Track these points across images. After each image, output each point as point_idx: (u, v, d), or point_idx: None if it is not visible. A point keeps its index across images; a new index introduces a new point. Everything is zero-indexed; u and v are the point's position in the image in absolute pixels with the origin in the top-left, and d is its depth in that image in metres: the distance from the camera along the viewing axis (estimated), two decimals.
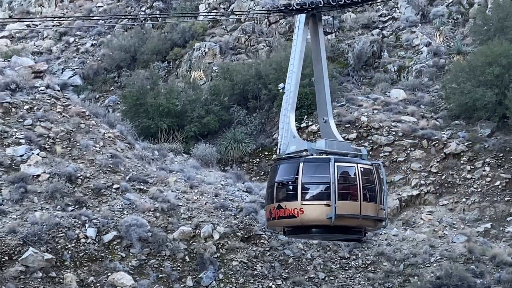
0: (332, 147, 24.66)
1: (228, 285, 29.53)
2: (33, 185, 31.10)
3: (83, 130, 34.45)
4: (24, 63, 38.82)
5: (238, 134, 40.37)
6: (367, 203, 23.94)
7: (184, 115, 40.98)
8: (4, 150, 32.58)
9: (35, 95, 35.77)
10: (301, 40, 25.75)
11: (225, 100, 42.12)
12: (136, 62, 46.51)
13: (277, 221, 24.52)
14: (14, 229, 28.56)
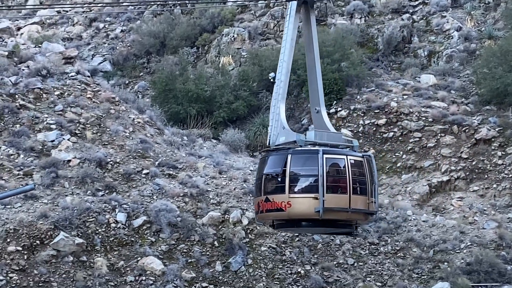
0: (322, 139, 23.85)
1: (257, 270, 29.61)
2: (64, 170, 31.36)
3: (113, 115, 34.66)
4: (54, 49, 39.10)
5: (266, 119, 40.25)
6: (357, 196, 23.14)
7: (213, 100, 41.02)
8: (36, 135, 32.88)
9: (65, 81, 36.04)
10: (292, 28, 24.69)
11: (253, 86, 42.06)
12: (165, 48, 46.59)
13: (265, 214, 23.72)
14: (46, 213, 28.85)
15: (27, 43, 40.41)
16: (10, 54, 37.25)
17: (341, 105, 40.38)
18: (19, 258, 27.36)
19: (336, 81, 40.29)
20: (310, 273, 29.96)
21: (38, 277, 27.18)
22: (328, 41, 41.77)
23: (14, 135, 32.62)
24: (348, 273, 30.40)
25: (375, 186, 23.63)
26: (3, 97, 34.19)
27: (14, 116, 33.54)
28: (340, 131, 39.63)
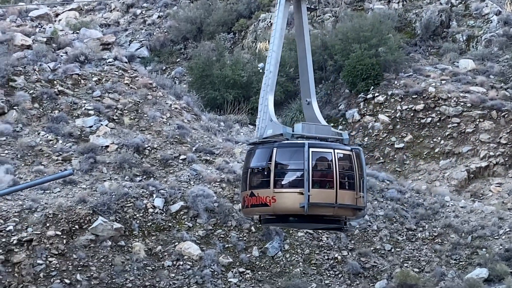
0: (310, 131, 23.01)
1: (294, 255, 29.62)
2: (102, 155, 31.60)
3: (150, 101, 34.81)
4: (92, 35, 39.33)
5: None
6: (344, 191, 22.39)
7: (249, 86, 41.01)
8: (74, 121, 33.15)
9: (103, 67, 36.25)
10: (282, 17, 23.85)
11: (290, 71, 41.96)
12: (202, 34, 46.65)
13: (250, 209, 23.16)
14: (84, 198, 29.10)
15: (65, 29, 40.71)
16: (48, 40, 37.56)
17: (378, 90, 40.15)
18: (58, 243, 27.67)
19: (373, 67, 40.06)
20: (347, 258, 29.90)
21: (77, 262, 27.46)
22: (365, 26, 41.51)
23: (53, 121, 32.93)
24: (385, 259, 30.29)
25: (364, 180, 22.79)
26: (42, 83, 34.52)
27: (53, 101, 33.85)
28: (377, 117, 39.48)
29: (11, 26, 38.59)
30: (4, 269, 26.61)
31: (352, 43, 40.87)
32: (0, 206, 28.19)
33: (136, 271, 27.82)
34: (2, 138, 31.69)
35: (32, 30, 38.61)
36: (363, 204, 22.85)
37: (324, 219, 22.81)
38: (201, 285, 28.04)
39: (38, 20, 40.52)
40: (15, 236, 27.35)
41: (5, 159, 30.56)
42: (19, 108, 33.09)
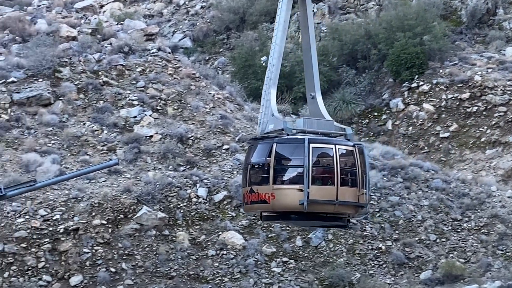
0: (312, 126, 22.29)
1: (337, 245, 29.52)
2: (146, 145, 31.82)
3: (193, 91, 34.92)
4: (136, 26, 39.58)
5: (347, 94, 40.03)
6: (345, 187, 21.62)
7: (292, 76, 40.88)
8: (118, 111, 33.42)
9: (147, 57, 36.46)
10: (286, 10, 22.98)
11: (333, 61, 41.75)
12: (245, 24, 46.61)
13: (250, 206, 22.44)
14: (129, 188, 29.34)
15: (109, 21, 41.02)
16: (93, 32, 37.89)
17: (423, 79, 39.75)
18: (103, 232, 27.95)
19: (418, 55, 39.66)
20: (391, 249, 29.71)
21: (122, 250, 27.71)
22: (410, 14, 41.11)
23: (98, 111, 33.24)
24: (430, 249, 30.03)
25: (366, 177, 22.04)
26: (87, 74, 34.84)
27: (98, 92, 34.16)
28: (422, 106, 39.10)
29: (57, 18, 39.00)
30: (51, 257, 26.97)
31: (396, 32, 40.50)
32: (47, 196, 28.57)
33: (180, 260, 27.99)
34: (49, 129, 32.08)
35: (77, 21, 38.97)
36: (365, 201, 22.09)
37: (325, 216, 22.12)
38: (244, 274, 28.11)
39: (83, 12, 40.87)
40: (62, 225, 27.70)
41: (52, 149, 30.95)
42: (65, 98, 33.46)
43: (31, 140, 31.30)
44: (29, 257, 26.65)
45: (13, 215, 27.61)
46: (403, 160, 33.46)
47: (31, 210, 27.87)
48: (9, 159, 30.23)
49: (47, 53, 34.38)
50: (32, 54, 34.53)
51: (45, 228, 27.49)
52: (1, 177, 29.06)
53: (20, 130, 31.80)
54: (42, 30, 37.07)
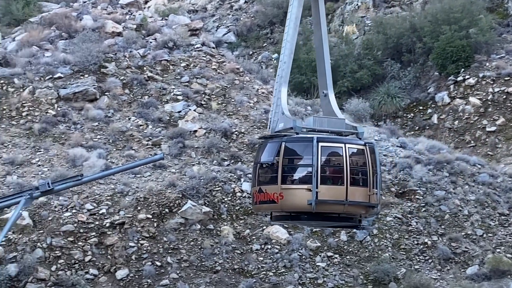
0: (322, 125, 21.78)
1: (382, 240, 29.35)
2: (190, 140, 31.96)
3: (237, 86, 34.97)
4: (180, 21, 39.76)
5: (391, 88, 39.74)
6: (355, 187, 21.11)
7: (336, 70, 40.70)
8: (163, 106, 33.61)
9: (191, 52, 36.61)
10: (297, 6, 22.47)
11: (378, 54, 41.49)
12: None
13: (259, 206, 22.02)
14: (174, 182, 29.50)
15: (154, 16, 41.27)
16: (138, 27, 38.15)
17: (469, 72, 39.28)
18: (149, 226, 28.14)
19: (464, 48, 39.20)
20: (437, 243, 29.44)
21: (168, 244, 27.88)
22: (455, 7, 40.65)
23: (142, 106, 33.47)
24: (477, 244, 29.68)
25: (378, 176, 21.47)
26: (132, 69, 35.10)
27: (143, 87, 34.39)
28: (468, 99, 38.65)
29: (102, 14, 39.35)
30: (98, 251, 27.25)
31: (442, 25, 40.08)
32: (93, 190, 28.86)
33: (225, 254, 28.08)
34: (95, 124, 32.40)
35: (122, 17, 39.28)
36: (376, 201, 21.52)
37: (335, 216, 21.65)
38: (289, 269, 28.10)
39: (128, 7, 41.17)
40: (108, 219, 27.96)
41: (98, 144, 31.26)
42: (111, 94, 33.75)
43: (78, 135, 31.65)
44: (76, 251, 26.95)
45: (60, 209, 27.95)
46: (449, 154, 33.13)
47: (77, 205, 28.17)
48: (56, 154, 30.61)
49: (93, 48, 34.71)
50: (78, 50, 34.89)
51: (92, 222, 27.77)
52: (48, 171, 29.45)
53: (66, 125, 32.17)
54: (88, 26, 37.45)
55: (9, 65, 34.49)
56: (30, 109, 32.41)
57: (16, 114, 32.23)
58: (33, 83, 33.32)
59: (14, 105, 32.47)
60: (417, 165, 31.82)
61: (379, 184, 21.65)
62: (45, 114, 32.29)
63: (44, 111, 32.44)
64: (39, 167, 29.84)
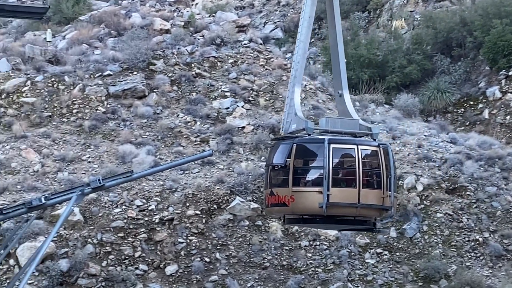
0: (335, 126, 21.41)
1: (433, 237, 29.03)
2: (238, 136, 31.98)
3: (285, 82, 34.88)
4: (228, 18, 39.84)
5: (441, 83, 39.25)
6: (368, 190, 20.63)
7: (385, 65, 40.38)
8: (211, 103, 33.70)
9: (239, 49, 36.65)
10: (311, 4, 22.14)
11: (427, 49, 41.02)
12: None
13: (270, 209, 21.77)
14: (222, 179, 29.55)
15: (201, 13, 41.40)
16: (186, 24, 38.33)
17: None
18: (198, 222, 28.24)
19: None
20: (488, 240, 29.02)
21: (216, 240, 27.94)
22: (507, 1, 39.98)
23: (191, 103, 33.61)
24: None
25: (391, 178, 20.95)
26: (180, 66, 35.26)
27: (191, 84, 34.53)
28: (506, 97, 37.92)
29: (151, 11, 39.62)
30: (147, 247, 27.43)
31: (493, 19, 39.43)
32: (143, 186, 29.05)
33: (273, 251, 28.04)
34: (143, 121, 32.63)
35: (170, 14, 39.50)
36: (390, 203, 21.05)
37: (349, 219, 21.27)
38: (338, 266, 27.96)
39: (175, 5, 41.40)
40: (157, 215, 28.13)
41: (147, 141, 31.48)
42: (159, 91, 33.96)
43: (127, 131, 31.90)
44: (126, 247, 27.17)
45: (110, 205, 28.19)
46: (501, 150, 32.62)
47: (127, 201, 28.40)
48: (106, 151, 30.89)
49: (142, 46, 34.96)
50: (127, 48, 35.17)
51: (141, 218, 27.96)
52: (99, 168, 29.73)
53: (116, 122, 32.44)
54: (137, 24, 37.74)
55: (59, 63, 34.93)
56: (80, 107, 32.77)
57: (67, 111, 32.61)
58: (83, 81, 33.67)
59: (65, 102, 32.85)
60: (468, 161, 31.40)
61: (393, 186, 21.12)
62: (95, 111, 32.61)
63: (94, 108, 32.76)
64: (89, 163, 30.14)
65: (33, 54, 35.21)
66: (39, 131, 31.51)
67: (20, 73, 33.96)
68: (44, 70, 34.00)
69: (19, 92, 33.03)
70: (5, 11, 21.75)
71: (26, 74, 33.87)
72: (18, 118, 32.10)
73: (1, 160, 29.47)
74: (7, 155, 30.03)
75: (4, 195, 28.03)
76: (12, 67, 34.40)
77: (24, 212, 20.61)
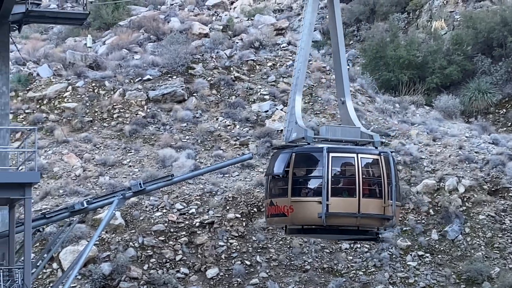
0: (335, 134, 21.09)
1: (475, 239, 28.72)
2: (278, 139, 31.94)
3: (324, 84, 34.83)
4: (266, 21, 39.87)
5: (482, 84, 38.83)
6: (369, 199, 20.24)
7: (425, 66, 40.09)
8: (250, 106, 33.74)
9: (277, 52, 36.65)
10: (311, 11, 21.78)
11: (468, 50, 40.62)
12: (375, 15, 46.07)
13: (270, 219, 21.46)
14: (262, 182, 29.50)
15: (240, 17, 41.50)
16: (224, 28, 38.45)
17: None
18: (238, 225, 28.27)
19: None
20: None
21: (256, 243, 27.95)
22: None
23: (230, 106, 33.69)
24: None
25: (393, 187, 20.48)
26: (219, 69, 35.37)
27: (230, 88, 34.62)
28: None
29: (189, 16, 39.82)
30: (188, 250, 27.54)
31: None
32: (183, 190, 29.18)
33: (314, 254, 27.97)
34: (183, 124, 32.79)
35: (209, 18, 39.66)
36: (391, 213, 20.54)
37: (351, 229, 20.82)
38: (379, 268, 27.79)
39: (214, 9, 41.55)
40: (197, 219, 28.23)
41: (186, 145, 31.62)
42: (198, 95, 34.10)
43: (167, 135, 32.08)
44: (167, 250, 27.30)
45: (151, 209, 28.36)
46: None
47: (168, 204, 28.54)
48: (146, 155, 31.09)
49: (181, 50, 35.15)
50: (166, 52, 35.40)
51: (182, 222, 28.08)
52: (139, 172, 29.93)
53: (156, 126, 32.64)
54: (175, 28, 37.96)
55: (100, 68, 35.27)
56: (121, 111, 33.03)
57: (108, 116, 32.90)
58: (123, 86, 33.95)
59: (105, 107, 33.15)
60: (510, 162, 31.03)
61: (395, 195, 20.66)
62: (135, 115, 32.85)
63: (134, 112, 33.01)
64: (130, 167, 30.36)
65: (74, 60, 35.61)
66: (81, 136, 31.83)
67: (61, 79, 34.36)
68: (85, 75, 34.37)
69: (60, 97, 33.41)
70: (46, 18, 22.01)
71: (67, 79, 34.26)
72: (60, 123, 32.47)
73: (44, 165, 29.82)
74: (50, 160, 30.38)
75: (47, 199, 28.37)
76: (53, 73, 34.82)
77: (66, 216, 20.82)
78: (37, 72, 34.81)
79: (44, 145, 31.16)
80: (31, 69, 35.19)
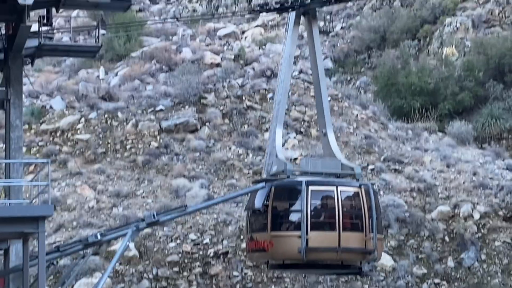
0: (316, 167, 20.91)
1: (491, 266, 28.47)
2: None
3: (336, 112, 34.81)
4: (277, 49, 39.96)
5: (495, 110, 38.72)
6: (349, 233, 19.98)
7: (437, 92, 40.05)
8: (263, 135, 33.73)
9: None
10: (291, 43, 21.87)
11: (479, 76, 40.58)
12: (386, 42, 46.15)
13: (251, 255, 21.27)
14: None
15: (251, 46, 41.66)
16: (236, 57, 38.58)
17: None
18: None
19: None
20: None
21: (271, 273, 27.72)
22: None
23: (242, 135, 33.71)
24: None
25: (374, 220, 20.19)
26: (231, 99, 35.44)
27: (242, 117, 34.65)
28: None
29: (201, 46, 40.01)
30: (203, 281, 27.40)
31: None
32: (197, 220, 29.11)
33: (329, 283, 27.76)
34: (196, 154, 32.79)
35: (221, 48, 39.84)
36: (372, 246, 20.28)
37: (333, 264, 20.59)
38: None
39: (225, 38, 41.74)
40: (212, 249, 28.12)
41: (200, 174, 31.59)
42: (211, 124, 34.15)
43: (180, 165, 32.08)
44: (181, 281, 27.17)
45: (165, 240, 28.28)
46: None
47: (182, 235, 28.46)
48: (159, 185, 31.06)
49: (193, 80, 35.27)
50: (178, 82, 35.53)
51: (196, 252, 27.97)
52: (153, 203, 29.90)
53: (169, 156, 32.66)
54: (187, 58, 38.14)
55: (112, 100, 35.41)
56: (134, 142, 33.09)
57: (120, 147, 32.96)
58: (136, 116, 34.05)
59: (118, 138, 33.23)
60: None
61: (375, 228, 20.39)
62: (148, 146, 32.90)
63: (147, 143, 33.06)
64: (143, 198, 30.34)
65: (86, 92, 35.80)
66: (94, 167, 31.87)
67: (74, 111, 34.50)
68: (98, 107, 34.51)
69: (73, 129, 33.53)
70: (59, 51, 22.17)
71: (80, 111, 34.39)
72: (73, 155, 32.55)
73: (57, 197, 29.85)
74: (63, 192, 30.41)
75: (61, 231, 28.35)
76: (66, 105, 34.98)
77: (80, 249, 20.80)
78: (50, 104, 34.99)
79: (57, 177, 31.21)
80: (44, 101, 35.38)
